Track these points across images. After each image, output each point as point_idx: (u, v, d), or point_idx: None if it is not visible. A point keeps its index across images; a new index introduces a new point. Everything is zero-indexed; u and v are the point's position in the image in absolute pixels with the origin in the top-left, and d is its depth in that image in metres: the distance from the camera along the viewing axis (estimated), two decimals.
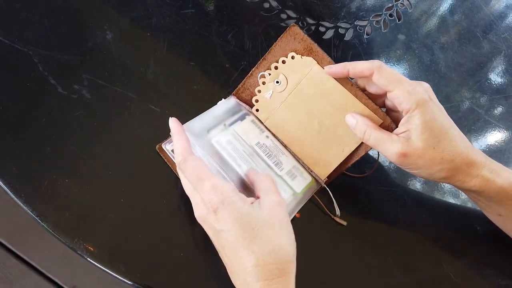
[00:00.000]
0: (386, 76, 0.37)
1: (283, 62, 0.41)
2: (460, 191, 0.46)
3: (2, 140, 0.41)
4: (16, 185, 0.39)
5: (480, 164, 0.38)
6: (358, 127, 0.39)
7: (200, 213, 0.35)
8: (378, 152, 0.47)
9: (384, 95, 0.40)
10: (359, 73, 0.39)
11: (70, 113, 0.43)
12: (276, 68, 0.42)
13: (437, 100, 0.39)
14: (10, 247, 0.76)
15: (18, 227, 0.76)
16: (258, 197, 0.36)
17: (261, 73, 0.42)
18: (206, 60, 0.49)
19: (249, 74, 0.43)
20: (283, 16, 0.53)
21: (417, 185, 0.48)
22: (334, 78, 0.40)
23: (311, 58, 0.41)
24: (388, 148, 0.38)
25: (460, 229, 0.46)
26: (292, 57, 0.41)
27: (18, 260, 0.76)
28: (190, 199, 0.36)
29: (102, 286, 0.75)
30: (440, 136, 0.37)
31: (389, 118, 0.40)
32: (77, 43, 0.47)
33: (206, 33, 0.50)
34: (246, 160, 0.40)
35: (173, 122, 0.38)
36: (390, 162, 0.47)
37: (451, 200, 0.48)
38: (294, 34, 0.40)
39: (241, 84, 0.44)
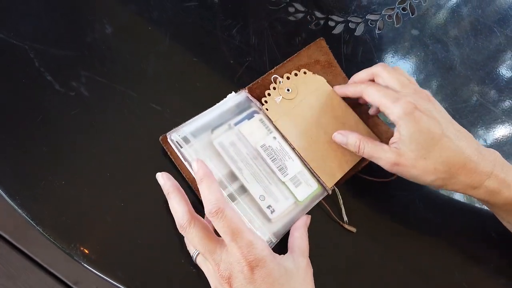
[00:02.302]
0: (372, 96, 0.39)
1: (295, 75, 0.44)
2: None
3: None
4: (11, 186, 0.38)
5: (483, 173, 0.36)
6: (350, 143, 0.40)
7: (225, 271, 0.32)
8: None
9: None
10: (352, 95, 0.42)
11: (67, 111, 0.42)
12: (288, 78, 0.44)
13: (430, 107, 0.37)
14: (14, 242, 0.76)
15: (21, 222, 0.75)
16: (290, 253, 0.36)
17: (274, 76, 0.43)
18: (210, 56, 0.47)
19: (272, 70, 0.44)
20: (291, 9, 0.51)
21: (429, 189, 0.46)
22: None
23: (323, 78, 0.44)
24: (381, 157, 0.38)
25: (475, 235, 0.45)
26: (304, 73, 0.44)
27: (21, 256, 0.76)
28: (207, 255, 0.33)
29: (105, 282, 0.74)
30: (429, 147, 0.36)
31: (392, 130, 0.40)
32: (75, 38, 0.45)
33: (210, 27, 0.49)
34: (248, 164, 0.38)
35: (199, 165, 0.34)
36: None
37: (465, 205, 0.46)
38: (321, 47, 0.47)
39: (260, 78, 0.43)
